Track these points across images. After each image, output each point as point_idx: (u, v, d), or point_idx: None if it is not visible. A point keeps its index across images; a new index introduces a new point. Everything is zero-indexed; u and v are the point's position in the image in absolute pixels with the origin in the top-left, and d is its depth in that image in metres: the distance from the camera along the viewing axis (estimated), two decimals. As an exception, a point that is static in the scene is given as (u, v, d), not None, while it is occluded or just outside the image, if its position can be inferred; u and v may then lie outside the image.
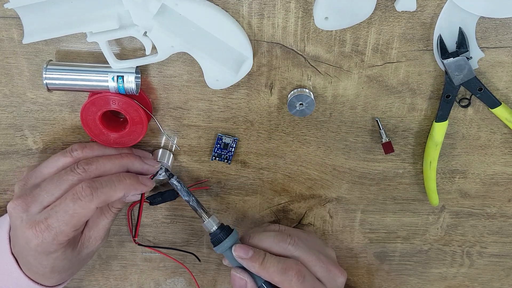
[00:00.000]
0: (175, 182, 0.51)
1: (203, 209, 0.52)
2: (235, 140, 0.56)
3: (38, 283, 0.52)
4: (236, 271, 0.51)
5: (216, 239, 0.51)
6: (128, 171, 0.51)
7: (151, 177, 0.53)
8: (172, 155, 0.57)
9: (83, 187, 0.47)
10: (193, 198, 0.51)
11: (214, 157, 0.57)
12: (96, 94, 0.50)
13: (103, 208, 0.52)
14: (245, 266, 0.51)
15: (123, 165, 0.51)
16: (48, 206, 0.48)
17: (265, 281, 0.51)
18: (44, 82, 0.48)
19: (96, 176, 0.49)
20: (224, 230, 0.51)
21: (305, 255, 0.51)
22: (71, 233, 0.48)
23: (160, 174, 0.53)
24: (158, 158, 0.55)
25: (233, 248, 0.50)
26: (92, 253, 0.54)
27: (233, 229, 0.52)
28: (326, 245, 0.55)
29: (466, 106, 0.54)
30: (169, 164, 0.55)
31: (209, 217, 0.51)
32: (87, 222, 0.52)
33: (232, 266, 0.52)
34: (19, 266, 0.51)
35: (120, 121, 0.54)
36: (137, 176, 0.50)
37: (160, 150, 0.56)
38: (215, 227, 0.51)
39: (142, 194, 0.52)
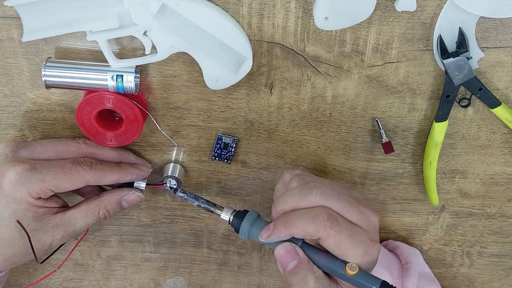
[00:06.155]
0: (181, 194, 0.52)
1: (215, 206, 0.51)
2: (235, 140, 0.56)
3: None
4: (278, 249, 0.48)
5: (235, 227, 0.50)
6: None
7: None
8: (183, 169, 0.57)
9: (85, 159, 0.50)
10: (202, 200, 0.51)
11: (214, 157, 0.57)
12: (90, 93, 0.50)
13: (94, 203, 0.51)
14: (277, 239, 0.47)
15: (119, 155, 0.54)
16: (36, 160, 0.48)
17: (303, 243, 0.48)
18: (43, 79, 0.48)
19: (94, 151, 0.52)
20: (239, 216, 0.49)
21: (335, 203, 0.47)
22: (48, 191, 0.46)
23: (170, 183, 0.56)
24: (169, 173, 0.56)
25: (259, 236, 0.48)
26: (48, 247, 0.50)
27: (248, 211, 0.50)
28: (351, 188, 0.51)
29: (466, 106, 0.54)
30: (179, 178, 0.56)
31: (222, 211, 0.50)
32: (68, 209, 0.50)
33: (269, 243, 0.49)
34: None
35: (116, 120, 0.54)
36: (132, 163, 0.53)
37: (171, 164, 0.57)
38: (231, 217, 0.50)
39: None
